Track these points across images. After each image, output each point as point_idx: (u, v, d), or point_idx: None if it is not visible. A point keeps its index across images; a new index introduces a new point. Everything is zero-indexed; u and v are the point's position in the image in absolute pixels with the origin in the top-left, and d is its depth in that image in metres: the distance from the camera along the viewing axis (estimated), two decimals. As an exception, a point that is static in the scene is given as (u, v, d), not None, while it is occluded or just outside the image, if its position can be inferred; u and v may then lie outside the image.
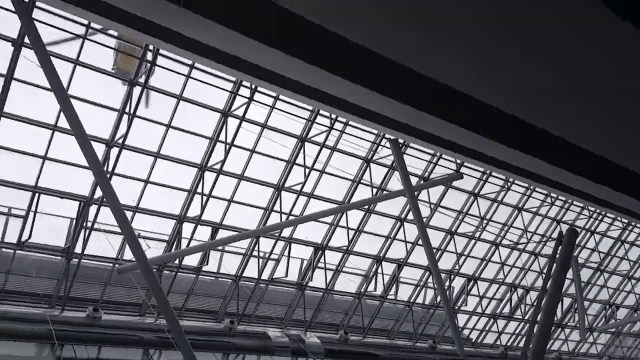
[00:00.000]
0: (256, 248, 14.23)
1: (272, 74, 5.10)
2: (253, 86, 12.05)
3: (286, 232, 14.49)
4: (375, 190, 14.95)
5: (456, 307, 18.32)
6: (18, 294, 12.08)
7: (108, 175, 11.12)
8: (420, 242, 15.67)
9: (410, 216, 15.38)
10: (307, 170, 13.78)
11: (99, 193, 11.59)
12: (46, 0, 5.00)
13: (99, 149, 11.31)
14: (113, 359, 13.10)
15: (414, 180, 14.03)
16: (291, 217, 13.90)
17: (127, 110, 11.26)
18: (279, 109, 12.95)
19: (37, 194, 11.41)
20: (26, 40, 9.59)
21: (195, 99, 12.09)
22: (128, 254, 12.41)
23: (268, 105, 12.86)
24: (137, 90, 11.24)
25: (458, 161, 15.49)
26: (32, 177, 11.27)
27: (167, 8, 3.71)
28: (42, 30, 9.44)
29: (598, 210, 18.86)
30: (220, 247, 14.08)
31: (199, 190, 12.80)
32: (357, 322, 16.57)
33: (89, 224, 11.98)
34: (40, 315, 11.58)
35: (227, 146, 12.54)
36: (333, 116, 13.39)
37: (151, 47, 10.84)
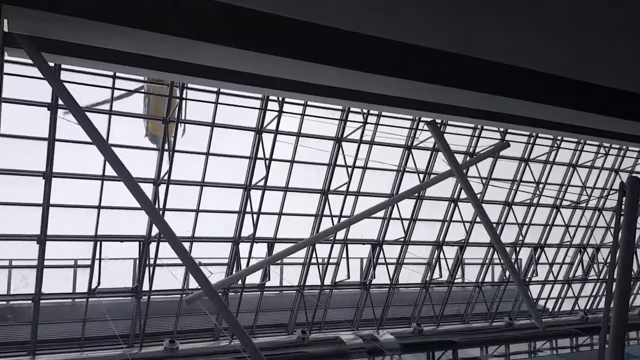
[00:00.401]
0: (314, 255, 14.27)
1: (317, 86, 5.13)
2: (280, 98, 12.11)
3: (340, 235, 14.46)
4: (422, 175, 14.71)
5: (527, 279, 17.77)
6: (97, 339, 12.58)
7: (161, 212, 11.43)
8: (478, 219, 15.29)
9: (463, 195, 15.04)
10: (350, 170, 13.72)
11: (155, 230, 11.94)
12: (71, 61, 5.21)
13: (148, 189, 11.66)
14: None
15: (459, 158, 13.70)
16: (343, 219, 13.86)
17: (166, 147, 11.56)
18: (309, 115, 12.97)
19: (98, 242, 11.88)
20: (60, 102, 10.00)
21: (227, 122, 12.27)
22: (193, 283, 12.70)
23: (298, 114, 12.90)
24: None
25: (501, 129, 15.03)
26: (92, 227, 11.73)
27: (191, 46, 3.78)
28: (72, 87, 9.83)
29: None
30: (278, 261, 14.19)
31: (248, 209, 12.97)
32: (428, 311, 16.31)
33: (151, 261, 12.36)
34: (121, 355, 12.05)
35: (267, 162, 12.65)
36: (365, 110, 13.28)
37: (177, 84, 11.08)
